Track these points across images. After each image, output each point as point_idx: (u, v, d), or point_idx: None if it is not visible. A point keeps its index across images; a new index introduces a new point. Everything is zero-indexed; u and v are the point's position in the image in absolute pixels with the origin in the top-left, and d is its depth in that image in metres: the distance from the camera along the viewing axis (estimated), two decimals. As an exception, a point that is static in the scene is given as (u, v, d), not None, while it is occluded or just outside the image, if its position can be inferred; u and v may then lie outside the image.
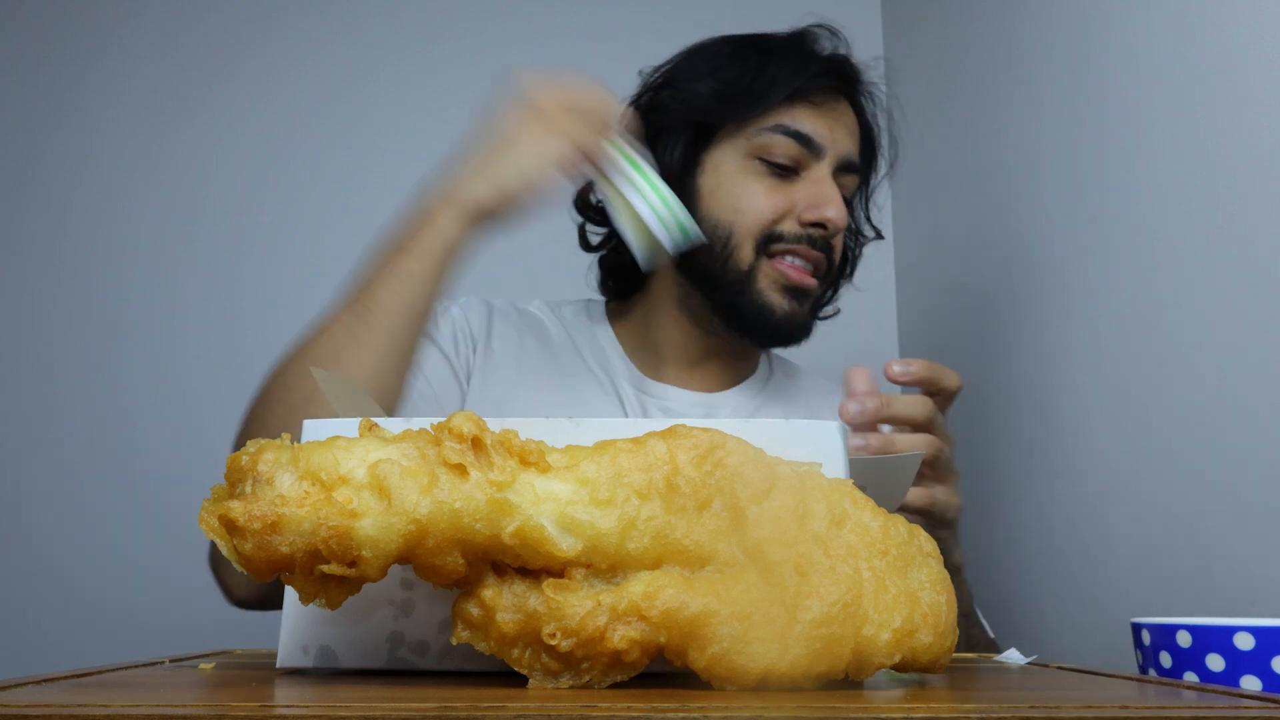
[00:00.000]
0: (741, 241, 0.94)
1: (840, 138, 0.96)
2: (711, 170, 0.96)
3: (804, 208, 0.94)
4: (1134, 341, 0.94)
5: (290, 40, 1.56)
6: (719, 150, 0.96)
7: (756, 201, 0.94)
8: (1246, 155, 0.80)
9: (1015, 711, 0.33)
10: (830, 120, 0.96)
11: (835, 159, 0.96)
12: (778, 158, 0.94)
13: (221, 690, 0.39)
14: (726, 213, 0.95)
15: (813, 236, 0.94)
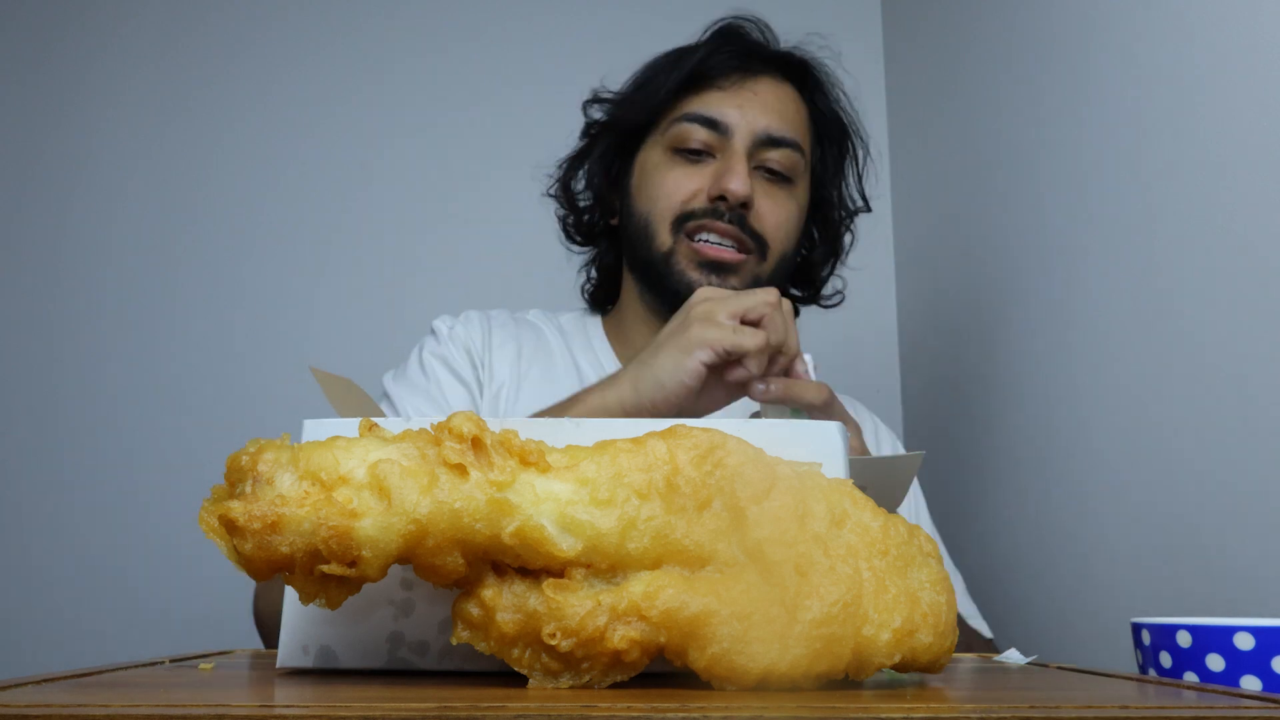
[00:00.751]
0: (658, 226, 0.99)
1: (753, 115, 0.98)
2: (639, 170, 1.03)
3: (710, 183, 0.97)
4: (1135, 340, 0.94)
5: (290, 41, 1.56)
6: (645, 150, 1.02)
7: (669, 186, 0.99)
8: (1246, 152, 0.79)
9: (1015, 712, 0.33)
10: (740, 99, 0.99)
11: (750, 135, 0.98)
12: (691, 144, 0.98)
13: (222, 690, 0.39)
14: (646, 201, 1.00)
15: (718, 210, 0.97)
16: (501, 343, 1.04)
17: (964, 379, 1.29)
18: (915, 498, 1.06)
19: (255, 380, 1.47)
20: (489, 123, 1.56)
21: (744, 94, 0.99)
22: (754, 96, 1.00)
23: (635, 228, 1.01)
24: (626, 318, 1.06)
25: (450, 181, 1.55)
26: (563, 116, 1.53)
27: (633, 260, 1.03)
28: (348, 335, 1.48)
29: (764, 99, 1.00)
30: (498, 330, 1.05)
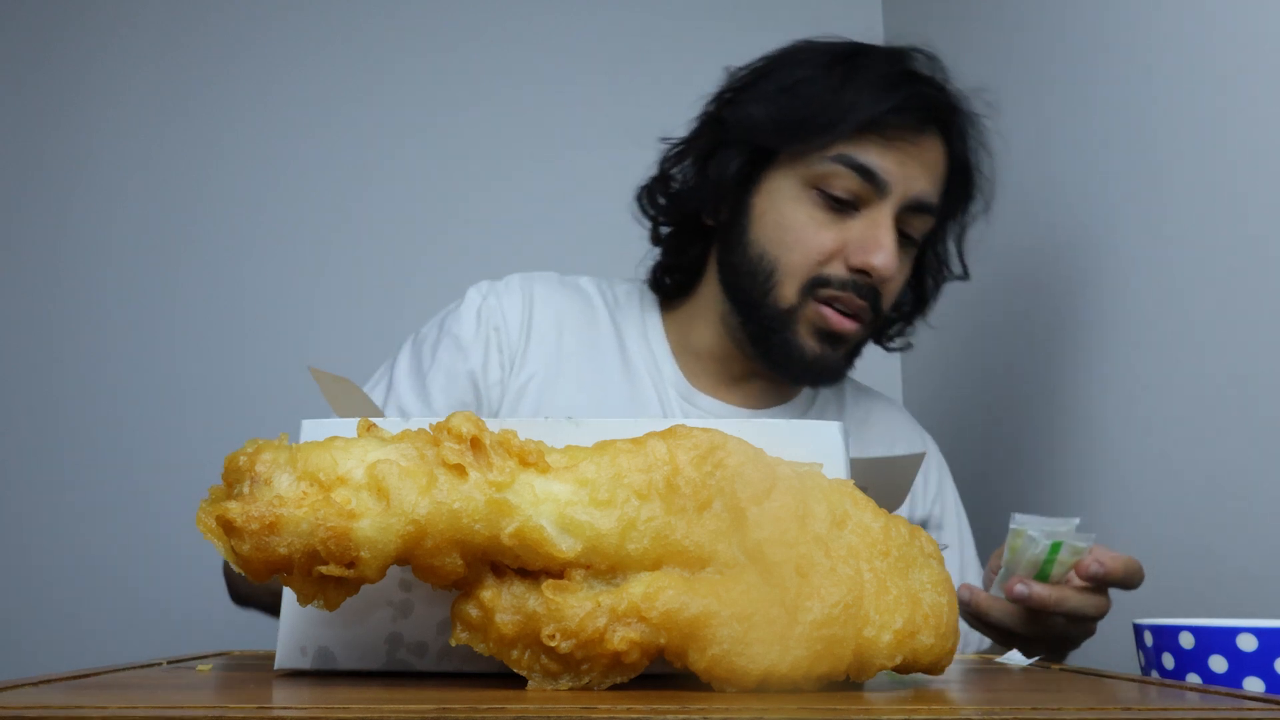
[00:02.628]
0: (785, 279, 0.89)
1: (913, 175, 0.88)
2: (767, 193, 0.90)
3: (854, 249, 0.87)
4: (1137, 340, 0.93)
5: (290, 41, 1.56)
6: (778, 172, 0.90)
7: (805, 237, 0.88)
8: (1249, 153, 0.79)
9: (1017, 713, 0.33)
10: (902, 156, 0.88)
11: (902, 199, 0.88)
12: (836, 190, 0.87)
13: (219, 691, 0.39)
14: (774, 245, 0.89)
15: (859, 283, 0.88)
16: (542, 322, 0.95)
17: (965, 380, 1.28)
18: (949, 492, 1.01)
19: (254, 380, 1.46)
20: (489, 122, 1.56)
21: (907, 149, 0.88)
22: (917, 154, 0.88)
23: (752, 264, 0.90)
24: (697, 324, 0.97)
25: (450, 181, 1.55)
26: (563, 116, 1.53)
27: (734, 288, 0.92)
28: (347, 335, 1.48)
29: (924, 159, 0.89)
30: (540, 307, 0.96)
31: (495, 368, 0.93)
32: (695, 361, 0.97)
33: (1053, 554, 0.72)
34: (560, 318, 0.96)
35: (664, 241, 0.99)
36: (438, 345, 0.94)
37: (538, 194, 1.55)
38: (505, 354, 0.93)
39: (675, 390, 0.95)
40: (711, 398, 0.96)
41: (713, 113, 0.95)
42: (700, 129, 0.96)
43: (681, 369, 0.96)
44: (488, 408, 0.93)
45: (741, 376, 0.96)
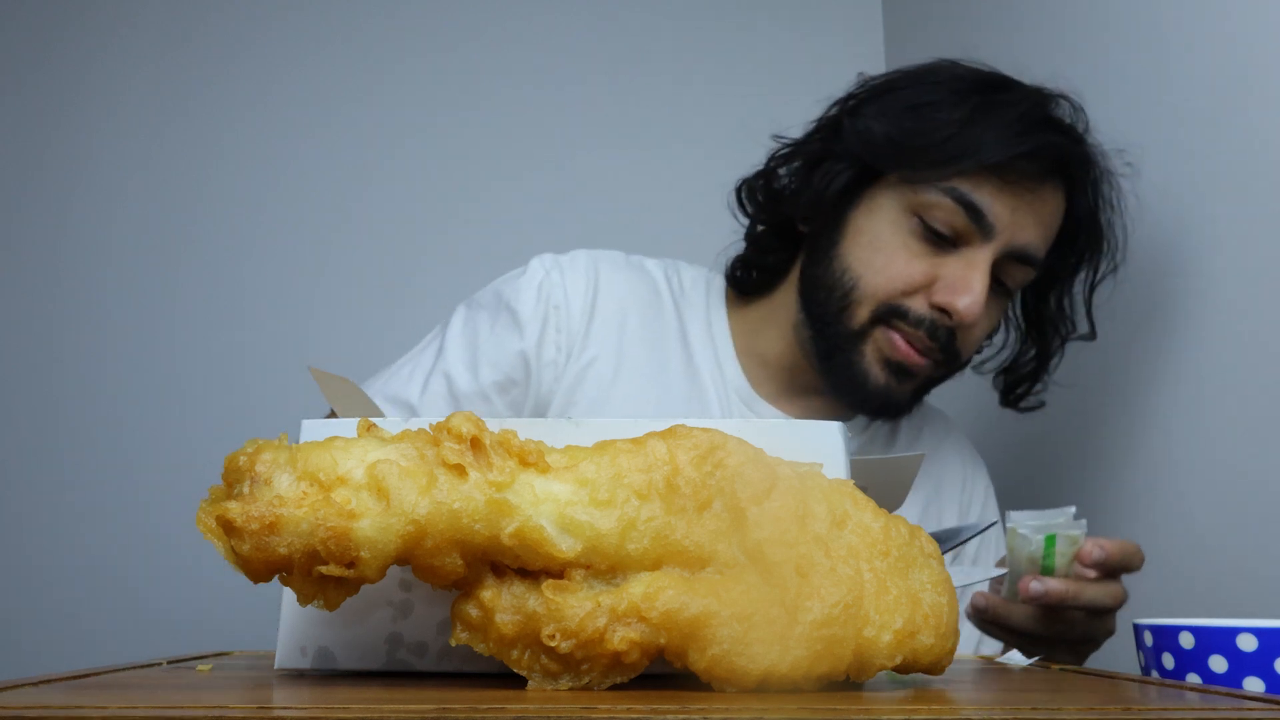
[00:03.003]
0: (862, 300, 0.85)
1: (1024, 224, 0.84)
2: (867, 210, 0.87)
3: (941, 287, 0.84)
4: (1137, 340, 0.93)
5: (290, 41, 1.56)
6: (883, 192, 0.87)
7: (895, 263, 0.85)
8: (1254, 152, 0.79)
9: (1017, 713, 0.33)
10: (1017, 202, 0.83)
11: (1006, 245, 0.84)
12: (938, 223, 0.83)
13: (219, 692, 0.39)
14: (860, 264, 0.86)
15: (935, 323, 0.84)
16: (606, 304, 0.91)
17: (965, 380, 1.28)
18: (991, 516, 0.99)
19: (254, 380, 1.46)
20: (490, 122, 1.56)
21: (1024, 196, 0.83)
22: (1033, 203, 0.84)
23: (834, 277, 0.87)
24: (767, 328, 0.94)
25: (451, 181, 1.55)
26: (564, 116, 1.53)
27: (812, 299, 0.89)
28: (347, 335, 1.48)
29: (1039, 210, 0.85)
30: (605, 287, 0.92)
31: (551, 348, 0.89)
32: (760, 367, 0.94)
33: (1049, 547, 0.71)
34: (624, 301, 0.93)
35: (752, 237, 0.96)
36: (496, 316, 0.90)
37: (538, 194, 1.55)
38: (564, 334, 0.90)
39: (738, 394, 0.93)
40: (772, 406, 0.93)
41: (833, 118, 0.91)
42: (815, 133, 0.92)
43: (745, 372, 0.93)
44: (535, 388, 0.89)
45: (805, 389, 0.93)
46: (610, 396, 0.89)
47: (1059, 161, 0.85)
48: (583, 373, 0.89)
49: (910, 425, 0.99)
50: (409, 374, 0.91)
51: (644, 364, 0.90)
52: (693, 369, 0.92)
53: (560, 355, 0.89)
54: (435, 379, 0.89)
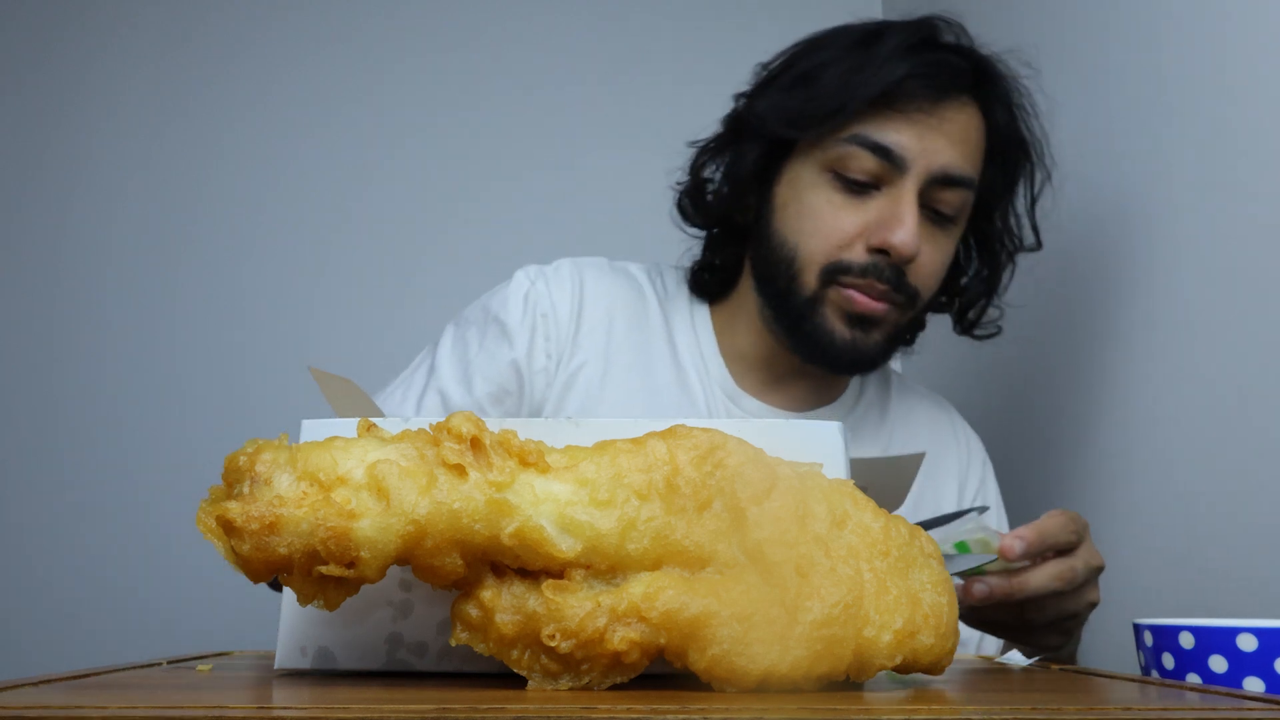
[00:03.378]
0: (805, 267, 0.86)
1: (935, 147, 0.84)
2: (787, 183, 0.89)
3: (873, 229, 0.85)
4: (1137, 340, 0.93)
5: (290, 41, 1.56)
6: (797, 161, 0.88)
7: (824, 222, 0.86)
8: (1256, 149, 0.79)
9: (1017, 714, 0.33)
10: (922, 128, 0.84)
11: (925, 173, 0.84)
12: (853, 172, 0.85)
13: (219, 692, 0.39)
14: (793, 233, 0.87)
15: (879, 265, 0.85)
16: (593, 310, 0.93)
17: (965, 379, 1.28)
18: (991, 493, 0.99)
19: (254, 380, 1.47)
20: (491, 122, 1.56)
21: (928, 122, 0.84)
22: (938, 125, 0.85)
23: (775, 253, 0.88)
24: (738, 324, 0.95)
25: (451, 181, 1.55)
26: (565, 116, 1.53)
27: (764, 281, 0.91)
28: (347, 335, 1.48)
29: (948, 130, 0.85)
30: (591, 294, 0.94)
31: (541, 355, 0.91)
32: (740, 361, 0.95)
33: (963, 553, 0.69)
34: (612, 306, 0.94)
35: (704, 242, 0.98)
36: (485, 330, 0.92)
37: (540, 194, 1.55)
38: (553, 341, 0.91)
39: (721, 389, 0.93)
40: (756, 399, 0.94)
41: (736, 110, 0.94)
42: (724, 128, 0.95)
43: (728, 367, 0.95)
44: (529, 396, 0.90)
45: (785, 376, 0.94)
46: (600, 399, 0.90)
47: (948, 77, 0.86)
48: (572, 378, 0.90)
49: (902, 405, 1.00)
50: (402, 396, 0.92)
51: (631, 366, 0.92)
52: (679, 368, 0.94)
53: (550, 362, 0.91)
54: (429, 396, 0.90)
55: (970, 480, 0.98)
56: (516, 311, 0.91)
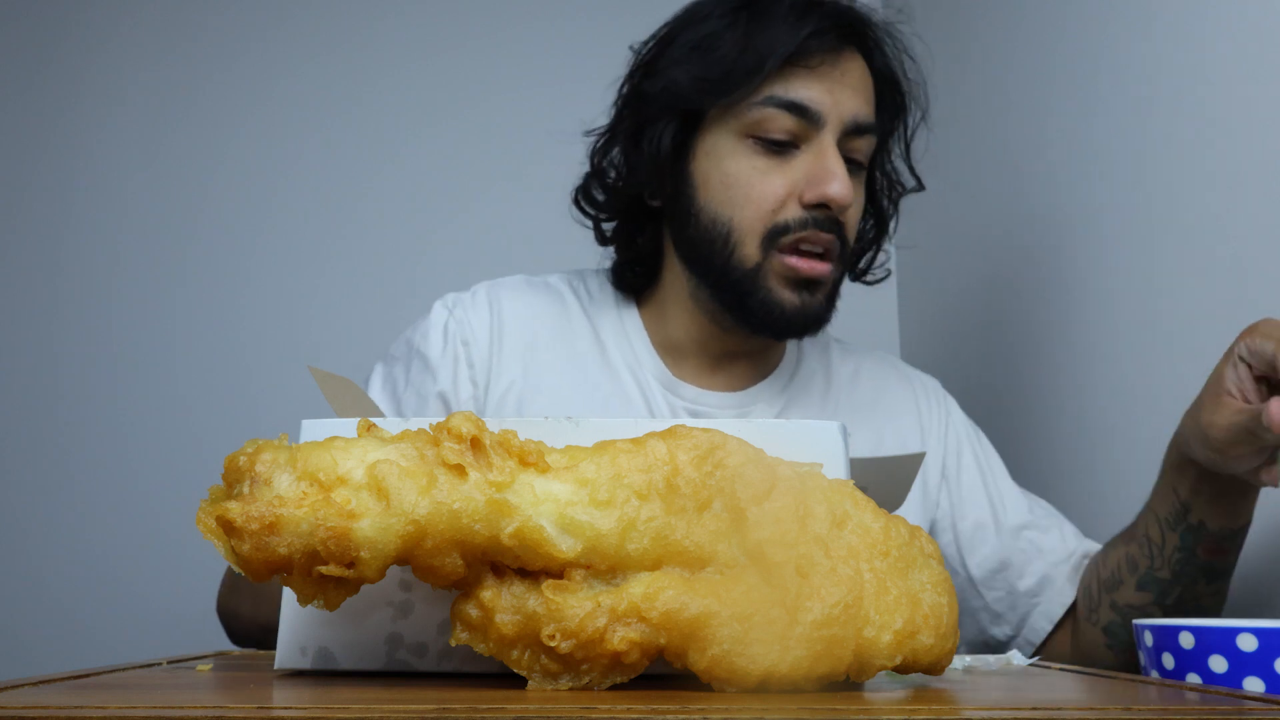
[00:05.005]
0: (744, 238, 0.86)
1: (844, 99, 0.87)
2: (704, 156, 0.89)
3: (805, 186, 0.85)
4: (1139, 338, 0.93)
5: (291, 40, 1.56)
6: (711, 132, 0.88)
7: (754, 189, 0.86)
8: (1256, 142, 0.79)
9: (1017, 713, 0.33)
10: (830, 82, 0.86)
11: (839, 124, 0.86)
12: (773, 133, 0.86)
13: (219, 691, 0.39)
14: (723, 206, 0.87)
15: (818, 219, 0.86)
16: (513, 330, 0.93)
17: (965, 375, 1.28)
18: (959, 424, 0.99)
19: (254, 380, 1.46)
20: (493, 122, 1.56)
21: (834, 75, 0.87)
22: (842, 78, 0.87)
23: (708, 230, 0.88)
24: (669, 311, 0.95)
25: (453, 181, 1.55)
26: (566, 115, 1.53)
27: (695, 262, 0.90)
28: (347, 335, 1.48)
29: (850, 81, 0.88)
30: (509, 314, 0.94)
31: (466, 384, 0.91)
32: (674, 352, 0.95)
33: None
34: (532, 321, 0.95)
35: (613, 237, 0.97)
36: (409, 365, 0.93)
37: (541, 194, 1.54)
38: (476, 369, 0.92)
39: (658, 381, 0.93)
40: (694, 386, 0.94)
41: (631, 90, 0.94)
42: (621, 111, 0.94)
43: (664, 360, 0.95)
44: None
45: (721, 357, 0.95)
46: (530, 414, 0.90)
47: (844, 29, 0.88)
48: (500, 401, 0.91)
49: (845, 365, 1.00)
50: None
51: (560, 377, 0.92)
52: (610, 368, 0.94)
53: (477, 390, 0.92)
54: None
55: (932, 422, 0.98)
56: (437, 344, 0.92)
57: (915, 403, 0.99)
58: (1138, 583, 0.80)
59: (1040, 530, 0.92)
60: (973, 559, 0.93)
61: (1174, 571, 0.78)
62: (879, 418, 0.96)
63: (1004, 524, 0.93)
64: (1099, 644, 0.84)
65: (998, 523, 0.93)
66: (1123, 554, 0.81)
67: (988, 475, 0.96)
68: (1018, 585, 0.91)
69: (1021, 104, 1.15)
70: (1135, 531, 0.80)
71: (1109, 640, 0.83)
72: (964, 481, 0.95)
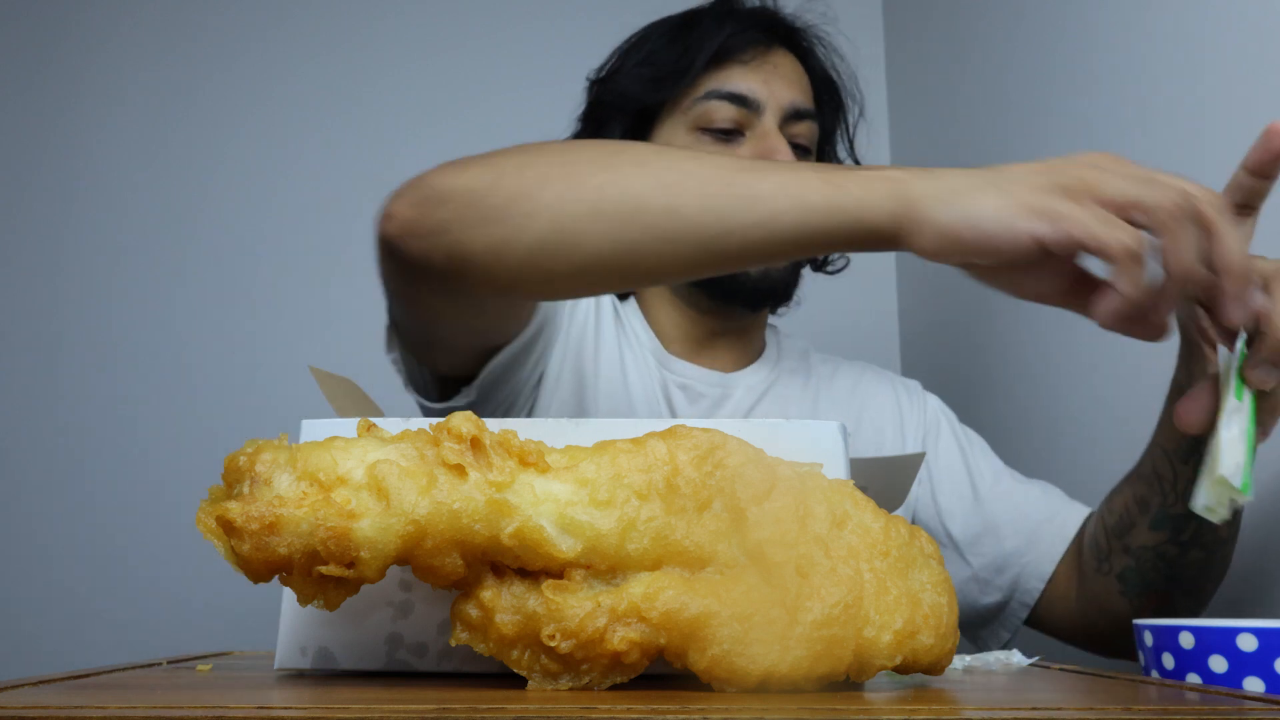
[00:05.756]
0: None
1: (779, 88, 0.95)
2: None
3: None
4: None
5: (292, 40, 1.56)
6: (663, 131, 0.97)
7: None
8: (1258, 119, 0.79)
9: (1017, 713, 0.33)
10: (764, 74, 0.95)
11: (778, 110, 0.95)
12: (719, 123, 0.94)
13: (219, 692, 0.39)
14: None
15: None
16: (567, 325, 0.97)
17: (966, 377, 1.28)
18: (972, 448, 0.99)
19: (254, 380, 1.46)
20: (496, 122, 1.56)
21: (766, 67, 0.96)
22: (775, 70, 0.96)
23: None
24: (653, 301, 1.02)
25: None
26: (566, 115, 1.53)
27: None
28: (348, 335, 1.48)
29: (783, 72, 0.97)
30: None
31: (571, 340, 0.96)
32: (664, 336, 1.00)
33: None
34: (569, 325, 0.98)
35: None
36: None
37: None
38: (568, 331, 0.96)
39: (652, 355, 0.98)
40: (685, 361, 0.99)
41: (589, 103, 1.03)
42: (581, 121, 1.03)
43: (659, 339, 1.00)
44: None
45: (703, 340, 1.00)
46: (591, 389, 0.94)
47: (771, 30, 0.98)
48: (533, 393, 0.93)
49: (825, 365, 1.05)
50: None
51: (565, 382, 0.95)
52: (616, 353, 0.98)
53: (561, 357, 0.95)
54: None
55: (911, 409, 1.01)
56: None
57: (894, 393, 1.03)
58: (1151, 522, 0.78)
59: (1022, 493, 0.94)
60: (954, 525, 0.94)
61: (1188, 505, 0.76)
62: (856, 404, 1.01)
63: (982, 492, 0.95)
64: (1112, 592, 0.82)
65: (976, 491, 0.95)
66: (1130, 495, 0.80)
67: (966, 450, 0.99)
68: (1004, 545, 0.91)
69: (1021, 104, 1.15)
70: (1142, 470, 0.79)
71: (1123, 587, 0.81)
72: (941, 455, 0.98)
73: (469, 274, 0.64)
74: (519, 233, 0.62)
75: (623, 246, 0.60)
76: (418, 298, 0.73)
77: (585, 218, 0.60)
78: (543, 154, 0.65)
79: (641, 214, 0.60)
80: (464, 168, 0.67)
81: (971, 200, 0.56)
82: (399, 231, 0.66)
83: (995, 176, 0.57)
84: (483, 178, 0.65)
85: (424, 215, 0.65)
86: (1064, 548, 0.90)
